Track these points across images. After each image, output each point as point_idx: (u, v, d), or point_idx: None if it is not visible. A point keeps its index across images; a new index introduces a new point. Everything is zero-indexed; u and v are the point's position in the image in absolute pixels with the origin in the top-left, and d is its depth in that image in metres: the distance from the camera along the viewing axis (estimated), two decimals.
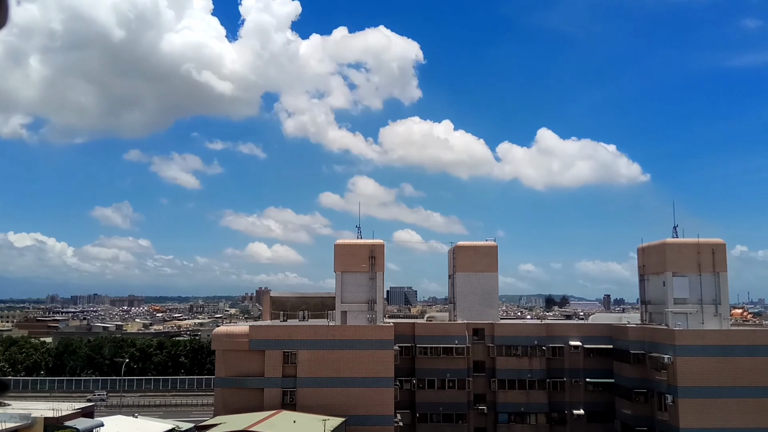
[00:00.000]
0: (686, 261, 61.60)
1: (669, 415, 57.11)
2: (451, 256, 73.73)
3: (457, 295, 69.79)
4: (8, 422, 48.54)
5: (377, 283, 63.14)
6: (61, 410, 54.44)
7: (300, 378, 59.36)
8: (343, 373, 59.15)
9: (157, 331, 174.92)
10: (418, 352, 65.29)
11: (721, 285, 61.01)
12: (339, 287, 63.20)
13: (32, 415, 51.58)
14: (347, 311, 63.07)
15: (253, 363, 60.07)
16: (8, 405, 57.00)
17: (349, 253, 63.72)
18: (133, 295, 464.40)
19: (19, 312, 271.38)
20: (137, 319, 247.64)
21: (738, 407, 55.79)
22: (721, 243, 62.93)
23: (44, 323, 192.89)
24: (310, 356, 59.73)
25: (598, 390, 66.16)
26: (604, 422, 65.43)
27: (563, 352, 66.25)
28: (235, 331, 63.64)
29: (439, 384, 64.70)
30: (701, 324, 59.98)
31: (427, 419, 64.54)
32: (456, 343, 64.78)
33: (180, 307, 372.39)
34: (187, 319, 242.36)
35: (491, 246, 70.59)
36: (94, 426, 55.32)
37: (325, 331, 60.90)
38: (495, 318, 68.96)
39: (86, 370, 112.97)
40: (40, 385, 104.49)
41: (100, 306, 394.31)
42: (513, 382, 65.35)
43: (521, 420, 65.29)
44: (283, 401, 58.65)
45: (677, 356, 56.52)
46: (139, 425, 59.48)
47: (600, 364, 65.96)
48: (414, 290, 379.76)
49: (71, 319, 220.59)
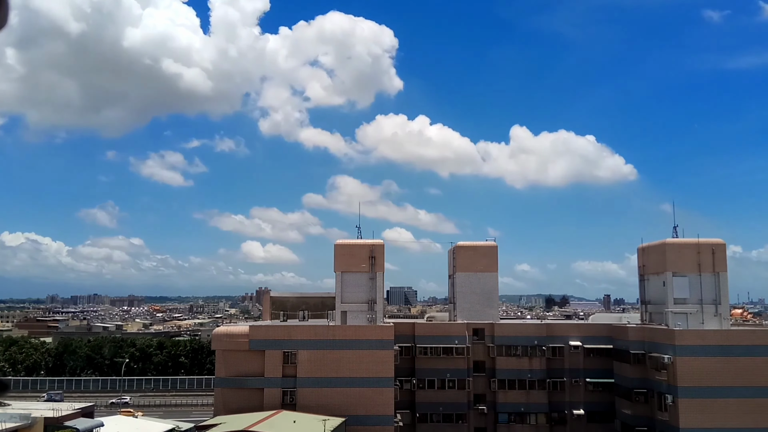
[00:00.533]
0: (686, 261, 61.60)
1: (669, 415, 57.12)
2: (451, 256, 73.73)
3: (457, 295, 69.80)
4: (8, 422, 48.54)
5: (377, 283, 63.15)
6: (61, 410, 54.46)
7: (300, 378, 59.35)
8: (343, 373, 59.14)
9: (157, 331, 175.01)
10: (418, 352, 65.29)
11: (721, 285, 61.02)
12: (339, 287, 63.21)
13: (32, 415, 51.59)
14: (347, 311, 63.08)
15: (253, 363, 60.07)
16: (8, 405, 57.02)
17: (349, 253, 63.72)
18: (133, 295, 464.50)
19: (19, 312, 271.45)
20: (137, 319, 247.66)
21: (738, 407, 55.78)
22: (721, 243, 62.95)
23: (44, 323, 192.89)
24: (310, 356, 59.72)
25: (598, 390, 66.17)
26: (604, 422, 65.43)
27: (563, 352, 66.26)
28: (235, 331, 63.65)
29: (439, 384, 64.72)
30: (701, 324, 59.98)
31: (427, 419, 64.55)
32: (456, 343, 64.79)
33: (180, 307, 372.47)
34: (187, 319, 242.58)
35: (491, 246, 70.62)
36: (94, 426, 55.35)
37: (325, 331, 60.89)
38: (495, 318, 68.97)
39: (86, 370, 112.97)
40: (40, 385, 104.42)
41: (100, 306, 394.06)
42: (513, 382, 65.36)
43: (521, 420, 65.30)
44: (283, 401, 58.65)
45: (677, 356, 56.52)
46: (139, 425, 59.52)
47: (600, 364, 65.98)
48: (414, 290, 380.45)
49: (71, 319, 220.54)
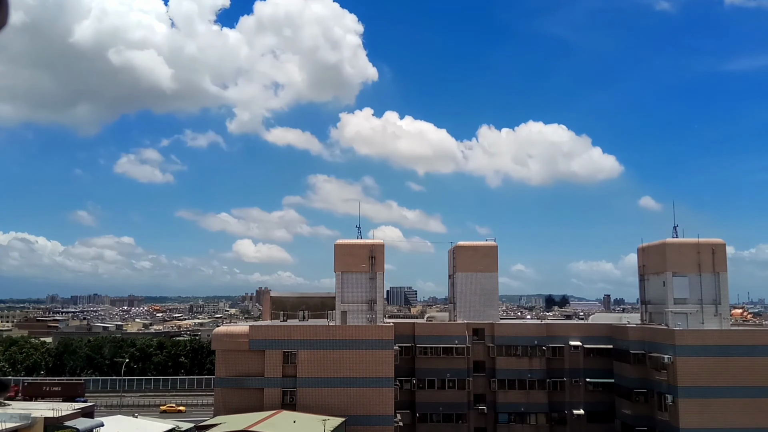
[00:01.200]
0: (686, 261, 61.61)
1: (669, 415, 57.12)
2: (451, 256, 73.73)
3: (457, 295, 69.80)
4: (8, 422, 48.53)
5: (377, 283, 63.14)
6: (61, 410, 54.43)
7: (300, 378, 59.35)
8: (343, 373, 59.15)
9: (157, 331, 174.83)
10: (418, 352, 65.29)
11: (721, 285, 61.03)
12: (339, 287, 63.20)
13: (32, 415, 51.57)
14: (347, 311, 63.08)
15: (253, 363, 60.08)
16: (8, 405, 57.02)
17: (349, 253, 63.71)
18: (133, 295, 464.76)
19: (18, 312, 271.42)
20: (137, 319, 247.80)
21: (738, 407, 55.79)
22: (720, 243, 62.95)
23: (44, 323, 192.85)
24: (310, 356, 59.72)
25: (598, 390, 66.17)
26: (604, 422, 65.43)
27: (563, 352, 66.26)
28: (235, 331, 63.64)
29: (439, 384, 64.72)
30: (701, 324, 59.99)
31: (427, 419, 64.56)
32: (456, 343, 64.80)
33: (180, 307, 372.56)
34: (187, 319, 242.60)
35: (491, 246, 70.60)
36: (94, 426, 55.33)
37: (325, 331, 60.89)
38: (495, 318, 68.95)
39: (86, 370, 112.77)
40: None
41: (100, 306, 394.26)
42: (513, 382, 65.36)
43: (521, 420, 65.29)
44: (283, 401, 58.66)
45: (677, 356, 56.52)
46: (139, 425, 59.49)
47: (600, 364, 65.98)
48: (414, 290, 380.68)
49: (71, 319, 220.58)
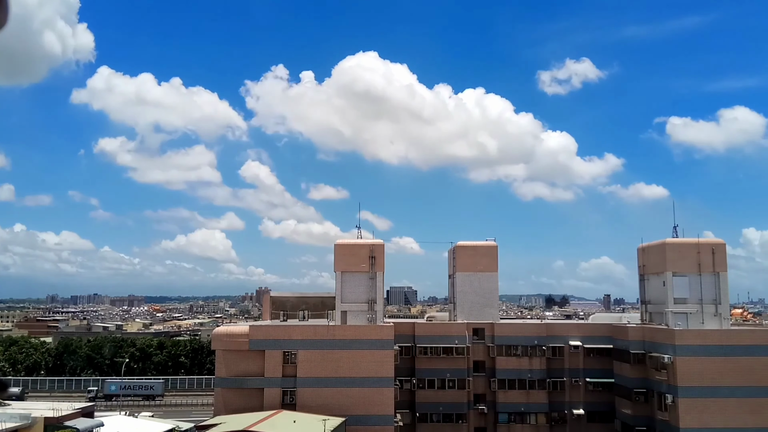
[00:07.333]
0: (686, 261, 61.55)
1: (669, 415, 57.12)
2: (451, 256, 73.72)
3: (457, 295, 69.79)
4: (8, 422, 48.48)
5: (377, 282, 63.09)
6: (61, 410, 54.27)
7: (300, 378, 59.32)
8: (343, 373, 59.11)
9: (157, 331, 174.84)
10: (418, 352, 65.28)
11: (721, 285, 60.98)
12: (339, 287, 63.14)
13: (32, 415, 51.49)
14: (347, 311, 63.00)
15: (253, 363, 60.04)
16: (8, 405, 56.98)
17: (349, 253, 63.62)
18: (133, 295, 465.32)
19: (19, 312, 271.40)
20: (137, 319, 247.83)
21: (738, 407, 55.77)
22: (721, 243, 62.90)
23: (44, 323, 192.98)
24: (310, 356, 59.69)
25: (598, 390, 66.15)
26: (604, 422, 65.44)
27: (563, 352, 66.26)
28: (235, 331, 63.58)
29: (439, 384, 64.70)
30: (701, 324, 59.96)
31: (427, 419, 64.55)
32: (456, 343, 64.79)
33: (180, 307, 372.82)
34: (187, 319, 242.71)
35: (491, 246, 70.56)
36: (94, 426, 55.24)
37: (325, 331, 60.86)
38: (495, 318, 68.94)
39: (86, 370, 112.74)
40: (40, 385, 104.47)
41: (100, 306, 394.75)
42: (513, 382, 65.34)
43: (521, 420, 65.28)
44: (283, 401, 58.63)
45: (677, 356, 56.51)
46: (139, 425, 59.47)
47: (600, 364, 65.98)
48: (414, 290, 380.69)
49: (71, 319, 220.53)
